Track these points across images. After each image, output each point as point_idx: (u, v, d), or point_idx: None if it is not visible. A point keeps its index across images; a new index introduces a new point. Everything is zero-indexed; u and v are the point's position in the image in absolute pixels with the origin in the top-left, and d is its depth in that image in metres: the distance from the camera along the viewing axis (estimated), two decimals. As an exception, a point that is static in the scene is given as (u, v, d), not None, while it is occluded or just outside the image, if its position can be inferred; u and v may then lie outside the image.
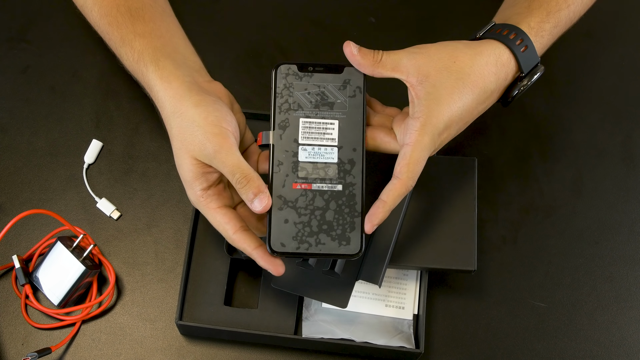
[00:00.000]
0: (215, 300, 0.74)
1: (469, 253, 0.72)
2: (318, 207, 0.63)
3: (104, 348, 0.74)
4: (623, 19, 0.93)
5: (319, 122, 0.65)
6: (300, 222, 0.63)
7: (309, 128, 0.65)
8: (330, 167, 0.64)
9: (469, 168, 0.76)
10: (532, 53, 0.68)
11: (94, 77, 0.86)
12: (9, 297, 0.76)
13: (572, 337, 0.76)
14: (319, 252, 0.62)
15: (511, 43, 0.67)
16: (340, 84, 0.66)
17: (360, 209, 0.63)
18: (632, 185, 0.83)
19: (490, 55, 0.66)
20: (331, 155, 0.64)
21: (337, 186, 0.64)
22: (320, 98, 0.66)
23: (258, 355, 0.74)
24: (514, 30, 0.68)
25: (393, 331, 0.74)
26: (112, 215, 0.79)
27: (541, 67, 0.70)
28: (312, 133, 0.65)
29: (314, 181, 0.64)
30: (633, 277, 0.79)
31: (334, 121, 0.65)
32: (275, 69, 0.66)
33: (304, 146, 0.65)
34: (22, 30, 0.88)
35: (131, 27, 0.70)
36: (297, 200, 0.63)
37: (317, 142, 0.65)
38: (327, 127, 0.65)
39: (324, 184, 0.64)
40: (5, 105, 0.84)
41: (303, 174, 0.64)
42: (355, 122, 0.65)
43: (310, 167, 0.64)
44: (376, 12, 0.92)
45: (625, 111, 0.87)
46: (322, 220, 0.63)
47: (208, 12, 0.91)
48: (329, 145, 0.65)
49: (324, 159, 0.64)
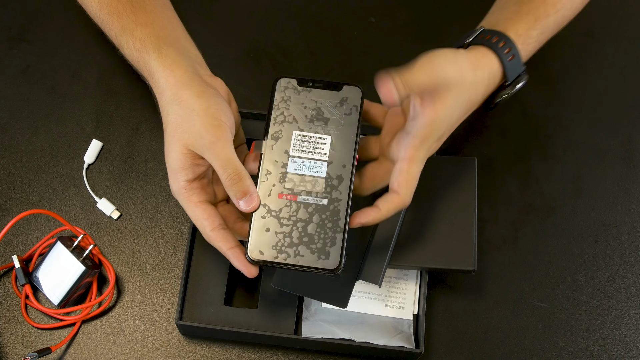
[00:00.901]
0: (215, 300, 0.74)
1: (469, 253, 0.72)
2: (301, 219, 0.63)
3: (104, 348, 0.74)
4: (623, 19, 0.93)
5: (312, 136, 0.66)
6: (281, 232, 0.63)
7: (301, 141, 0.65)
8: (318, 181, 0.64)
9: (469, 168, 0.76)
10: (517, 62, 0.69)
11: (94, 77, 0.86)
12: (9, 297, 0.76)
13: (572, 337, 0.76)
14: (297, 263, 0.62)
15: (500, 51, 0.68)
16: (337, 101, 0.67)
17: (343, 225, 0.63)
18: (632, 185, 0.83)
19: (485, 68, 0.67)
20: (320, 170, 0.65)
21: (323, 200, 0.64)
22: (316, 113, 0.66)
23: (258, 355, 0.74)
24: (503, 38, 0.68)
25: (393, 331, 0.74)
26: (112, 215, 0.79)
27: (525, 76, 0.71)
28: (304, 146, 0.65)
29: (300, 193, 0.64)
30: (633, 277, 0.79)
31: (327, 137, 0.66)
32: (275, 81, 0.67)
33: (294, 158, 0.65)
34: (22, 30, 0.88)
35: (132, 16, 0.70)
36: (281, 211, 0.63)
37: (307, 155, 0.65)
38: (319, 142, 0.66)
39: (310, 197, 0.64)
40: (5, 105, 0.84)
41: (290, 185, 0.64)
42: (348, 139, 0.66)
43: (298, 179, 0.64)
44: (376, 12, 0.92)
45: (625, 111, 0.87)
46: (303, 233, 0.63)
47: (208, 12, 0.91)
48: (318, 160, 0.65)
49: (312, 172, 0.65)
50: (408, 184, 0.64)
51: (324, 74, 0.87)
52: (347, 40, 0.90)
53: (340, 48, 0.90)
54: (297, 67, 0.88)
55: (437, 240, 0.72)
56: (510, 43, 0.68)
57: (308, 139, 0.66)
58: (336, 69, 0.88)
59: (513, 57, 0.68)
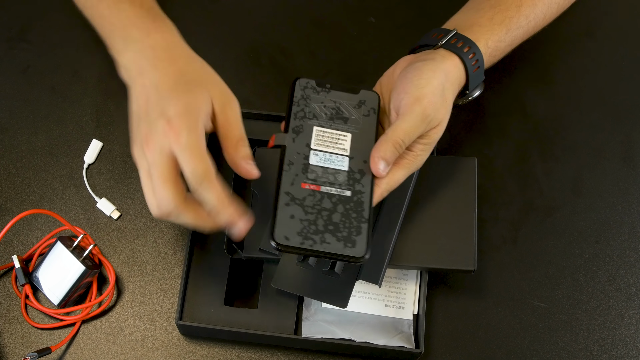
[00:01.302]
0: (215, 300, 0.74)
1: (469, 253, 0.72)
2: (325, 208, 0.63)
3: (104, 348, 0.74)
4: (623, 19, 0.93)
5: (333, 132, 0.66)
6: (306, 220, 0.62)
7: (322, 136, 0.66)
8: (340, 174, 0.65)
9: (469, 168, 0.76)
10: (480, 74, 0.71)
11: (94, 77, 0.86)
12: (9, 297, 0.76)
13: (572, 337, 0.76)
14: (324, 250, 0.61)
15: (468, 62, 0.69)
16: (355, 103, 0.68)
17: (367, 216, 0.63)
18: (632, 185, 0.83)
19: (455, 82, 0.68)
20: (342, 163, 0.65)
21: (346, 192, 0.64)
22: (335, 112, 0.67)
23: (258, 355, 0.74)
24: (473, 49, 0.69)
25: (393, 331, 0.74)
26: (112, 215, 0.79)
27: (482, 85, 0.73)
28: (325, 141, 0.66)
29: (323, 184, 0.64)
30: (633, 277, 0.79)
31: (347, 134, 0.66)
32: (295, 81, 0.68)
33: (315, 151, 0.65)
34: (22, 30, 0.88)
35: None
36: (305, 199, 0.63)
37: (329, 149, 0.65)
38: (339, 138, 0.66)
39: (333, 188, 0.64)
40: (5, 105, 0.84)
41: (312, 175, 0.64)
42: (368, 138, 0.66)
43: (320, 170, 0.64)
44: (376, 12, 0.92)
45: (625, 111, 0.87)
46: (328, 221, 0.63)
47: (208, 12, 0.91)
48: (340, 154, 0.65)
49: (335, 166, 0.65)
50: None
51: (324, 74, 0.87)
52: (347, 40, 0.90)
53: (340, 48, 0.90)
54: (297, 67, 0.88)
55: (437, 240, 0.72)
56: (479, 55, 0.69)
57: (329, 134, 0.66)
58: (336, 69, 0.88)
59: (478, 68, 0.70)
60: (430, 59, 0.67)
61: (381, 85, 0.71)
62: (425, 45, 0.71)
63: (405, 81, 0.65)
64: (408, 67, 0.67)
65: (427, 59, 0.67)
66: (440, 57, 0.68)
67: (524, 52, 0.81)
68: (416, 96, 0.64)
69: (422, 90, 0.64)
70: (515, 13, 0.72)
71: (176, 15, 0.75)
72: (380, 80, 0.71)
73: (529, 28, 0.74)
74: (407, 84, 0.65)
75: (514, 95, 0.87)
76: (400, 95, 0.65)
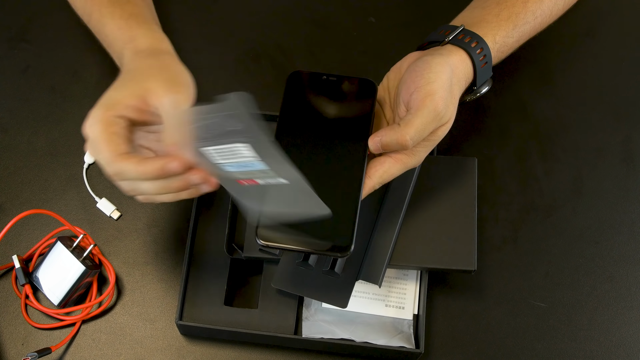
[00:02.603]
0: (215, 300, 0.74)
1: (469, 253, 0.72)
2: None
3: (104, 348, 0.74)
4: (623, 19, 0.93)
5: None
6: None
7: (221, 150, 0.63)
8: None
9: (469, 168, 0.76)
10: (488, 69, 0.70)
11: (94, 77, 0.86)
12: (9, 297, 0.76)
13: (572, 337, 0.76)
14: (307, 245, 0.61)
15: (476, 58, 0.69)
16: (352, 92, 0.69)
17: (354, 209, 0.62)
18: (632, 185, 0.83)
19: (462, 77, 0.68)
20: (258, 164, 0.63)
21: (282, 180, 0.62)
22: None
23: (258, 355, 0.74)
24: (481, 44, 0.69)
25: (393, 331, 0.74)
26: (112, 215, 0.79)
27: (490, 82, 0.73)
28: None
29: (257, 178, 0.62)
30: (633, 277, 0.79)
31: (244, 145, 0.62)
32: (290, 75, 0.68)
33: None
34: (22, 30, 0.88)
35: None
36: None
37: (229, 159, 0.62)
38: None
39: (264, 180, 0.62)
40: (5, 105, 0.84)
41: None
42: (361, 128, 0.66)
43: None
44: (376, 12, 0.92)
45: (625, 111, 0.87)
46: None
47: (208, 12, 0.91)
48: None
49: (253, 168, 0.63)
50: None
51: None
52: (347, 40, 0.90)
53: (340, 48, 0.90)
54: (297, 67, 0.87)
55: (437, 240, 0.72)
56: (487, 50, 0.69)
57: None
58: (336, 69, 0.88)
59: (485, 64, 0.70)
60: (438, 54, 0.67)
61: (389, 79, 0.70)
62: (433, 42, 0.71)
63: (415, 74, 0.65)
64: (416, 61, 0.67)
65: (435, 54, 0.67)
66: (447, 52, 0.68)
67: (525, 52, 0.81)
68: (427, 91, 0.63)
69: (433, 85, 0.63)
70: (521, 9, 0.72)
71: (176, 16, 0.75)
72: (387, 75, 0.71)
73: (536, 24, 0.74)
74: (416, 77, 0.64)
75: (515, 95, 0.87)
76: (410, 88, 0.64)
